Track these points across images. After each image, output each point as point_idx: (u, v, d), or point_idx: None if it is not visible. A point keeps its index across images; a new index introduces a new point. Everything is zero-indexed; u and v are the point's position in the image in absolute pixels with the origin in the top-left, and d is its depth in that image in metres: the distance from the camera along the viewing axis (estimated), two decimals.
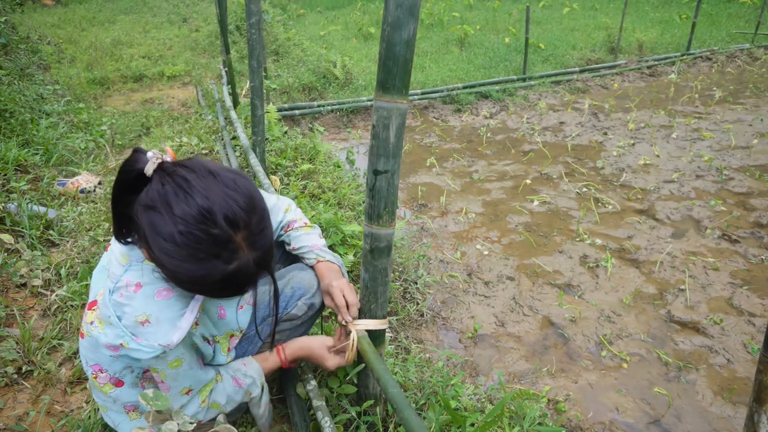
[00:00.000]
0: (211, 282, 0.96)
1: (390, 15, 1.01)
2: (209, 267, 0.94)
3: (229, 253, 0.95)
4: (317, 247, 1.46)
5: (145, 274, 1.05)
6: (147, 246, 0.95)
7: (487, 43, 8.47)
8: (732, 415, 1.89)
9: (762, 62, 7.66)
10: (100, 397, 1.22)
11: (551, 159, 4.31)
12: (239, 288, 1.01)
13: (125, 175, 0.99)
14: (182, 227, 0.91)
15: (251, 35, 2.72)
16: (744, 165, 4.03)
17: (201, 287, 0.98)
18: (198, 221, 0.92)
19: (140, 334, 1.02)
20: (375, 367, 1.22)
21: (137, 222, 0.96)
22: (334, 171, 3.48)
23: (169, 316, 1.03)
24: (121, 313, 1.02)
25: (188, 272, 0.94)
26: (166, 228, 0.92)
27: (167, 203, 0.92)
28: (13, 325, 1.88)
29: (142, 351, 1.02)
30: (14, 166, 2.94)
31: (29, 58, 5.76)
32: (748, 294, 2.52)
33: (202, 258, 0.93)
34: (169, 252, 0.93)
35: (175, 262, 0.93)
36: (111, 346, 1.03)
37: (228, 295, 1.03)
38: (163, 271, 0.97)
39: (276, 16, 8.51)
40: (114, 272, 1.06)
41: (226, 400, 1.26)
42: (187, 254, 0.92)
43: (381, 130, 1.11)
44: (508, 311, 2.45)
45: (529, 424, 1.54)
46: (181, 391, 1.17)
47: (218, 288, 0.98)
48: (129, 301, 1.02)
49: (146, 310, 1.02)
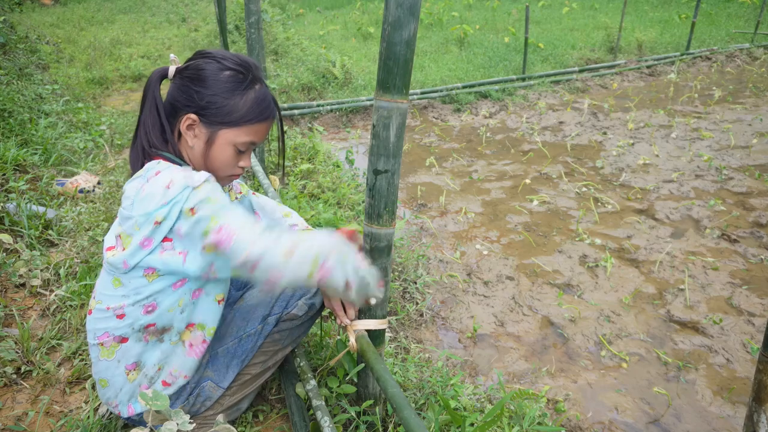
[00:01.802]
0: (252, 102, 1.22)
1: (390, 14, 1.01)
2: (248, 94, 1.22)
3: (256, 82, 1.25)
4: None
5: (161, 165, 1.16)
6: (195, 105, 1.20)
7: (487, 42, 8.47)
8: (731, 415, 1.89)
9: (761, 62, 7.67)
10: (106, 366, 1.23)
11: (551, 159, 4.31)
12: (270, 109, 1.26)
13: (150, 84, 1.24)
14: (228, 71, 1.20)
15: (250, 35, 2.72)
16: (743, 165, 4.04)
17: (247, 111, 1.22)
18: (231, 66, 1.21)
19: (168, 195, 1.09)
20: (374, 367, 1.22)
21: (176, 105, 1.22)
22: (333, 171, 3.48)
23: (189, 173, 1.13)
24: (146, 201, 1.11)
25: (236, 102, 1.21)
26: (213, 77, 1.19)
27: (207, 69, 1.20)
28: (12, 325, 1.87)
29: (175, 203, 1.09)
30: (13, 166, 2.94)
31: (28, 57, 5.75)
32: (748, 294, 2.53)
33: (244, 88, 1.22)
34: (221, 92, 1.20)
35: (226, 98, 1.20)
36: (145, 239, 1.12)
37: (264, 116, 1.25)
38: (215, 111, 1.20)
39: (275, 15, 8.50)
40: (131, 189, 1.15)
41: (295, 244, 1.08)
42: (234, 88, 1.21)
43: (381, 130, 1.11)
44: (507, 311, 2.45)
45: (528, 423, 1.54)
46: (243, 221, 1.10)
47: (257, 108, 1.23)
48: (152, 185, 1.11)
49: (169, 177, 1.11)
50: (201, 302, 1.26)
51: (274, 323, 1.38)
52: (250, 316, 1.38)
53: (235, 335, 1.36)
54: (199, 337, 1.28)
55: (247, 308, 1.39)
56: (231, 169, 1.28)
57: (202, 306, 1.27)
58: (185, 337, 1.27)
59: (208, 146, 1.23)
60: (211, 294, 1.27)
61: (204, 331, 1.29)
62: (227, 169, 1.27)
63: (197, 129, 1.22)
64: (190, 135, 1.23)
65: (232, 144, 1.23)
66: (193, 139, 1.23)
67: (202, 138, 1.23)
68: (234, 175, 1.31)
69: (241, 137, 1.23)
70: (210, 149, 1.23)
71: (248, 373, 1.39)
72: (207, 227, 1.09)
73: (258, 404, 1.58)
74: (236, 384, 1.38)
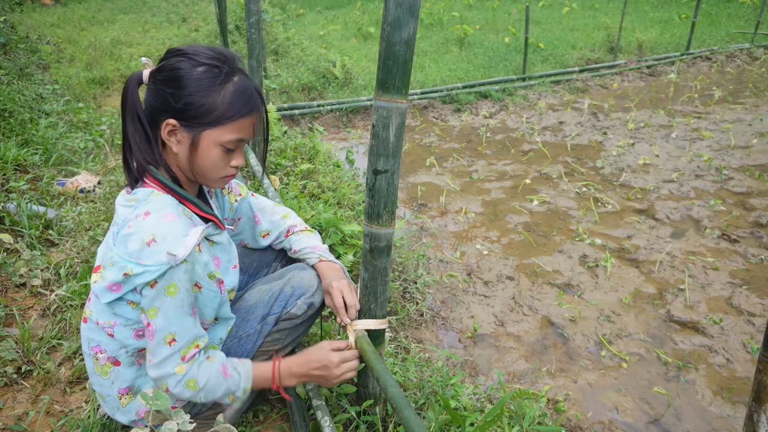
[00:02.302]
0: (232, 97, 1.14)
1: (390, 14, 1.01)
2: (226, 88, 1.14)
3: (234, 74, 1.16)
4: (318, 249, 1.48)
5: (152, 202, 1.12)
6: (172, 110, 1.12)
7: (487, 42, 8.47)
8: (731, 415, 1.89)
9: (761, 62, 7.67)
10: (100, 382, 1.23)
11: (551, 159, 4.31)
12: (253, 101, 1.17)
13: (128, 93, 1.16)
14: (201, 66, 1.12)
15: (251, 35, 2.72)
16: (743, 165, 4.03)
17: (227, 107, 1.14)
18: (204, 62, 1.13)
19: (146, 256, 1.07)
20: (374, 367, 1.22)
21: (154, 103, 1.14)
22: (333, 171, 3.48)
23: (175, 234, 1.09)
24: (126, 242, 1.08)
25: (215, 98, 1.13)
26: (186, 76, 1.12)
27: (180, 68, 1.12)
28: (12, 324, 1.88)
29: (147, 272, 1.06)
30: (13, 166, 2.94)
31: (28, 57, 5.75)
32: (748, 294, 2.53)
33: (220, 83, 1.13)
34: (196, 91, 1.12)
35: (203, 96, 1.12)
36: (114, 284, 1.10)
37: (248, 110, 1.16)
38: (193, 112, 1.12)
39: (275, 15, 8.50)
40: (121, 214, 1.14)
41: (205, 383, 1.18)
42: (209, 84, 1.12)
43: (381, 130, 1.11)
44: (507, 311, 2.45)
45: (528, 423, 1.54)
46: (165, 337, 1.12)
47: (238, 102, 1.15)
48: (137, 227, 1.08)
49: (154, 230, 1.08)
50: None
51: (273, 323, 1.37)
52: (249, 315, 1.37)
53: (235, 335, 1.35)
54: None
55: (246, 308, 1.38)
56: (222, 170, 1.20)
57: None
58: None
59: (192, 151, 1.16)
60: (203, 316, 1.24)
61: None
62: (217, 171, 1.20)
63: (179, 134, 1.15)
64: (173, 142, 1.16)
65: (218, 144, 1.15)
66: (177, 145, 1.16)
67: (186, 143, 1.15)
68: (228, 176, 1.23)
69: (226, 136, 1.15)
70: (195, 154, 1.16)
71: None
72: (146, 310, 1.11)
73: (258, 404, 1.58)
74: None
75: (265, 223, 1.54)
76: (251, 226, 1.54)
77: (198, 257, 1.13)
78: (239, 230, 1.54)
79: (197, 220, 1.20)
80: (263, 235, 1.54)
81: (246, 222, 1.53)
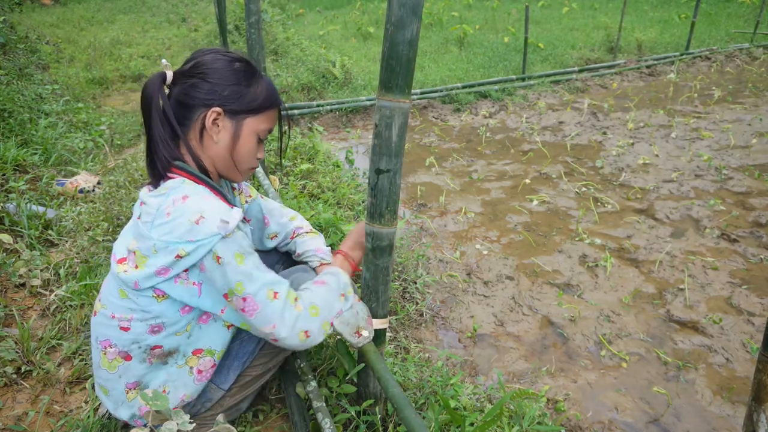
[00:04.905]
0: (266, 89, 1.27)
1: (393, 15, 1.01)
2: (261, 82, 1.27)
3: (259, 72, 1.28)
4: (321, 251, 1.50)
5: (187, 188, 1.14)
6: (218, 98, 1.20)
7: (487, 42, 8.47)
8: (731, 415, 1.89)
9: (761, 62, 7.67)
10: (106, 376, 1.23)
11: (550, 158, 4.31)
12: (277, 94, 1.30)
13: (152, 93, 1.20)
14: (238, 62, 1.24)
15: (250, 35, 2.72)
16: (743, 164, 4.04)
17: (266, 97, 1.26)
18: (239, 58, 1.25)
19: (196, 232, 1.08)
20: (375, 367, 1.22)
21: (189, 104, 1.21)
22: (333, 171, 3.48)
23: (220, 209, 1.12)
24: (172, 227, 1.09)
25: (255, 89, 1.24)
26: (228, 69, 1.21)
27: (219, 62, 1.22)
28: (12, 325, 1.87)
29: (201, 246, 1.08)
30: (13, 166, 2.94)
31: (28, 57, 5.75)
32: (747, 293, 2.53)
33: (257, 76, 1.26)
34: (241, 81, 1.22)
35: (247, 86, 1.23)
36: (163, 268, 1.11)
37: (277, 102, 1.30)
38: (239, 100, 1.22)
39: (275, 15, 8.50)
40: (153, 204, 1.14)
41: (322, 302, 1.24)
42: (250, 77, 1.24)
43: (384, 129, 1.11)
44: (507, 311, 2.45)
45: (528, 423, 1.54)
46: (267, 295, 1.15)
47: (272, 95, 1.27)
48: (179, 211, 1.10)
49: (200, 208, 1.10)
50: (209, 328, 1.25)
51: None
52: None
53: (237, 336, 1.35)
54: (208, 363, 1.28)
55: None
56: (253, 160, 1.29)
57: (209, 331, 1.25)
58: (192, 363, 1.25)
59: (234, 138, 1.24)
60: (219, 319, 1.25)
61: (213, 356, 1.28)
62: (250, 160, 1.29)
63: (222, 122, 1.22)
64: (215, 130, 1.22)
65: (256, 132, 1.26)
66: (218, 133, 1.23)
67: (229, 130, 1.23)
68: (253, 167, 1.32)
69: (262, 124, 1.26)
70: (237, 141, 1.24)
71: (249, 374, 1.38)
72: (232, 289, 1.12)
73: (258, 404, 1.58)
74: (237, 385, 1.37)
75: (274, 225, 1.56)
76: (260, 228, 1.56)
77: (245, 230, 1.19)
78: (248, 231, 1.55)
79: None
80: (271, 237, 1.57)
81: (255, 223, 1.55)
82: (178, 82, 1.22)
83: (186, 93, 1.21)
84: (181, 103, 1.21)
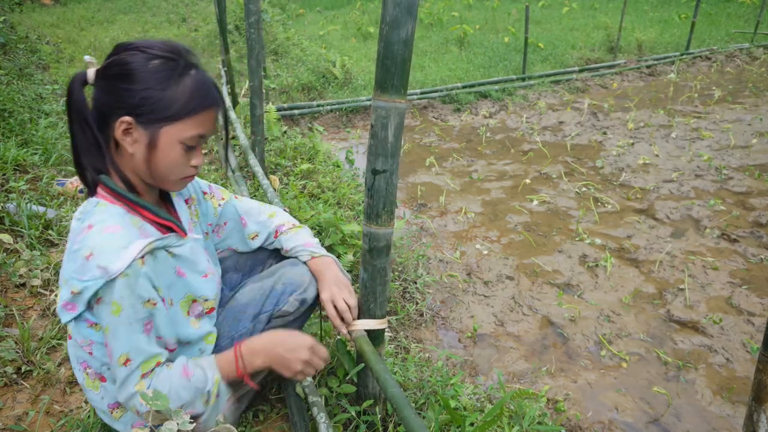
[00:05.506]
0: (191, 90, 1.08)
1: (388, 14, 1.01)
2: (184, 81, 1.09)
3: (191, 68, 1.11)
4: (309, 245, 1.45)
5: (96, 214, 1.07)
6: (127, 106, 1.05)
7: (487, 42, 8.47)
8: (731, 415, 1.89)
9: (761, 62, 7.67)
10: (92, 396, 1.22)
11: (550, 158, 4.31)
12: (212, 94, 1.12)
13: (76, 96, 1.09)
14: (156, 59, 1.06)
15: (250, 35, 2.72)
16: (743, 164, 4.03)
17: (187, 100, 1.08)
18: (159, 55, 1.07)
19: (85, 271, 1.01)
20: (374, 367, 1.22)
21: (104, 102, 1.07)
22: (333, 171, 3.48)
23: (112, 246, 1.02)
24: (73, 259, 1.04)
25: (173, 92, 1.07)
26: (141, 69, 1.05)
27: (133, 62, 1.06)
28: (12, 325, 1.88)
29: (86, 288, 1.01)
30: (13, 166, 2.94)
31: (28, 57, 5.75)
32: (748, 293, 2.53)
33: (178, 75, 1.08)
34: (153, 85, 1.05)
35: (161, 90, 1.06)
36: (67, 303, 1.04)
37: (208, 103, 1.11)
38: (151, 107, 1.06)
39: (275, 15, 8.50)
40: (72, 229, 1.09)
41: (168, 390, 1.09)
42: (167, 77, 1.06)
43: (379, 130, 1.11)
44: (507, 311, 2.45)
45: (528, 423, 1.54)
46: (119, 358, 1.06)
47: (198, 96, 1.09)
48: (81, 242, 1.04)
49: (92, 244, 1.02)
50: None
51: (266, 321, 1.33)
52: (241, 315, 1.34)
53: (227, 335, 1.33)
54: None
55: (238, 307, 1.35)
56: (182, 170, 1.13)
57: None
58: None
59: (150, 150, 1.08)
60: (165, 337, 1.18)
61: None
62: (178, 171, 1.13)
63: (135, 133, 1.07)
64: (128, 141, 1.07)
65: (179, 141, 1.08)
66: (133, 145, 1.08)
67: (143, 142, 1.07)
68: (188, 176, 1.16)
69: (187, 132, 1.09)
70: (154, 153, 1.08)
71: None
72: (103, 328, 1.06)
73: (258, 404, 1.58)
74: None
75: (253, 225, 1.49)
76: (239, 230, 1.49)
77: (141, 271, 1.04)
78: (226, 235, 1.49)
79: (151, 229, 1.14)
80: (252, 237, 1.50)
81: (233, 226, 1.49)
82: (98, 82, 1.09)
83: (100, 97, 1.08)
84: (98, 110, 1.08)
